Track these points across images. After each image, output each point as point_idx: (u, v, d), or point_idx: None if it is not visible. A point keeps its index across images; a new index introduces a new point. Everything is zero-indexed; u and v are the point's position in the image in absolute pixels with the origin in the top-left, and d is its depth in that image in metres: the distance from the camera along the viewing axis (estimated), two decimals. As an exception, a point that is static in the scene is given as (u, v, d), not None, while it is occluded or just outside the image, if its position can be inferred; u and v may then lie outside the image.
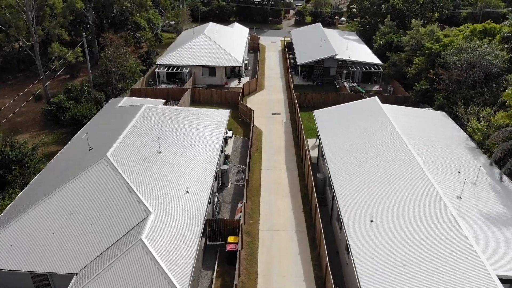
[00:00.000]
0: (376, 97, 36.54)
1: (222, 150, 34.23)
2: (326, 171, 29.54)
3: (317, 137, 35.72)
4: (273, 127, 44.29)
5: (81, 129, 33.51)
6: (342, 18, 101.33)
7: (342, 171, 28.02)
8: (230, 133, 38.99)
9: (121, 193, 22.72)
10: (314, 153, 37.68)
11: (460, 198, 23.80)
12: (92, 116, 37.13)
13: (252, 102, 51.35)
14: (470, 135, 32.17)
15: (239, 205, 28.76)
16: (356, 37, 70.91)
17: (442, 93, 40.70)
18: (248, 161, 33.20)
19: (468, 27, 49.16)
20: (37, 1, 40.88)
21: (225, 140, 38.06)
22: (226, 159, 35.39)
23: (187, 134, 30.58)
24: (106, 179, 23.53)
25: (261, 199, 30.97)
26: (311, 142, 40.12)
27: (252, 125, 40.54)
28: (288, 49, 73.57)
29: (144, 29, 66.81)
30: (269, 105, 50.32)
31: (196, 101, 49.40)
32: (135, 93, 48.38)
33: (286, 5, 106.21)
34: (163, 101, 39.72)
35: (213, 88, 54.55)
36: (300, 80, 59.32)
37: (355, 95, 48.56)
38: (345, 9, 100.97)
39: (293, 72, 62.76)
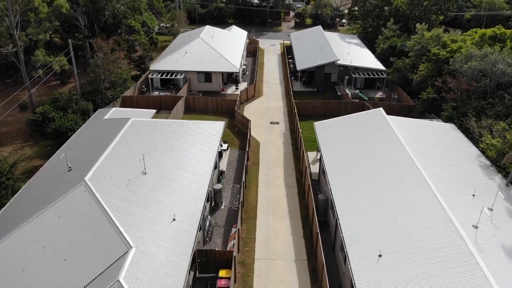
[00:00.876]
0: (381, 108, 34.15)
1: (216, 166, 31.89)
2: (328, 192, 27.20)
3: (318, 150, 33.38)
4: (272, 137, 41.93)
5: (63, 145, 31.10)
6: (343, 20, 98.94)
7: (345, 193, 25.66)
8: (225, 146, 36.61)
9: (99, 224, 20.35)
10: (315, 168, 35.33)
11: (476, 227, 21.45)
12: (77, 129, 34.76)
13: (249, 110, 49.01)
14: (483, 151, 29.80)
15: (233, 229, 26.41)
16: (358, 41, 68.55)
17: (450, 103, 38.35)
18: (243, 179, 30.81)
19: (476, 32, 46.86)
20: (20, 6, 38.49)
21: (220, 154, 35.70)
22: (220, 175, 33.02)
23: (177, 151, 28.22)
24: (83, 207, 21.16)
25: (258, 221, 28.58)
26: (311, 155, 37.75)
27: (248, 137, 38.16)
28: (287, 53, 71.22)
29: (139, 32, 64.51)
30: (267, 114, 47.96)
31: (190, 110, 47.03)
32: (126, 102, 46.07)
33: (286, 7, 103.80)
34: (153, 111, 37.31)
35: (209, 95, 52.32)
36: (300, 86, 56.96)
37: (358, 104, 46.21)
38: (346, 11, 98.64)
39: (292, 77, 60.40)
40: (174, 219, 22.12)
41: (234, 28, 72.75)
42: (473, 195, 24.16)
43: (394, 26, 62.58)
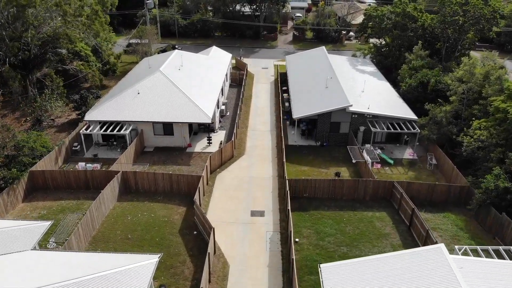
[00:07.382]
0: (441, 245, 18.59)
1: None
2: None
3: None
4: (251, 250, 26.29)
5: None
6: (351, 33, 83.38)
7: None
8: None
9: None
10: None
11: None
12: None
13: (223, 184, 33.54)
14: None
15: None
16: (373, 68, 53.04)
17: (545, 208, 22.94)
18: None
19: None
20: None
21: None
22: None
23: None
24: None
25: None
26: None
27: (207, 276, 22.51)
28: (282, 81, 55.69)
29: (87, 59, 49.20)
30: (248, 193, 32.45)
31: (131, 191, 31.48)
32: (37, 180, 30.81)
33: (282, 18, 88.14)
34: (46, 225, 21.96)
35: (170, 153, 37.50)
36: (297, 137, 41.52)
37: (384, 185, 30.51)
38: (353, 22, 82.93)
39: (287, 121, 45.02)
40: None
41: (214, 50, 57.12)
42: None
43: (423, 51, 47.04)
